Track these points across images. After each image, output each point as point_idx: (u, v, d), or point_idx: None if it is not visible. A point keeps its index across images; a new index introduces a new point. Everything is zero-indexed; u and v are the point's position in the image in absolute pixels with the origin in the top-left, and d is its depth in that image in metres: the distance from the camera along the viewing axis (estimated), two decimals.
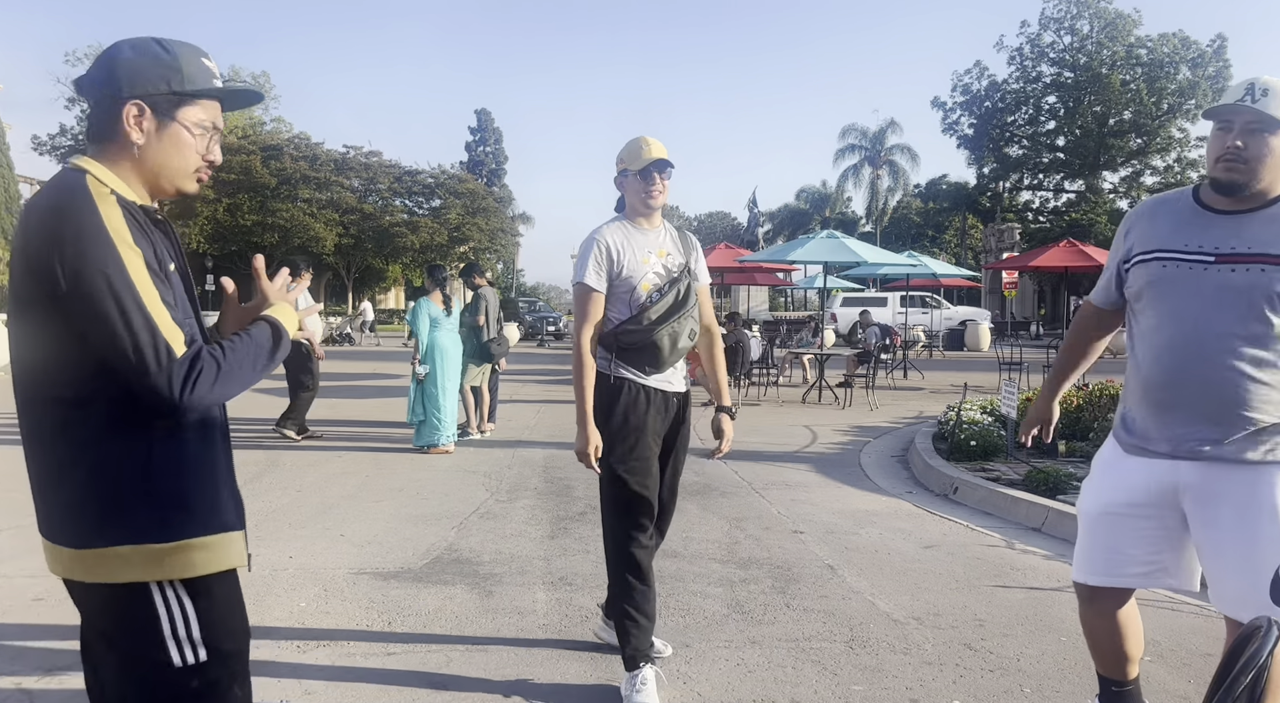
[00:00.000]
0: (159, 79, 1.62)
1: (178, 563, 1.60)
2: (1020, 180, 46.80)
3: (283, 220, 41.08)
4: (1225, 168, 2.24)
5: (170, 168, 1.67)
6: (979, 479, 6.48)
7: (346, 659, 3.39)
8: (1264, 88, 2.20)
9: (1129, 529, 2.42)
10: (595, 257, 3.10)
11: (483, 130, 63.02)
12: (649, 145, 3.15)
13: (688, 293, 3.19)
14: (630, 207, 3.23)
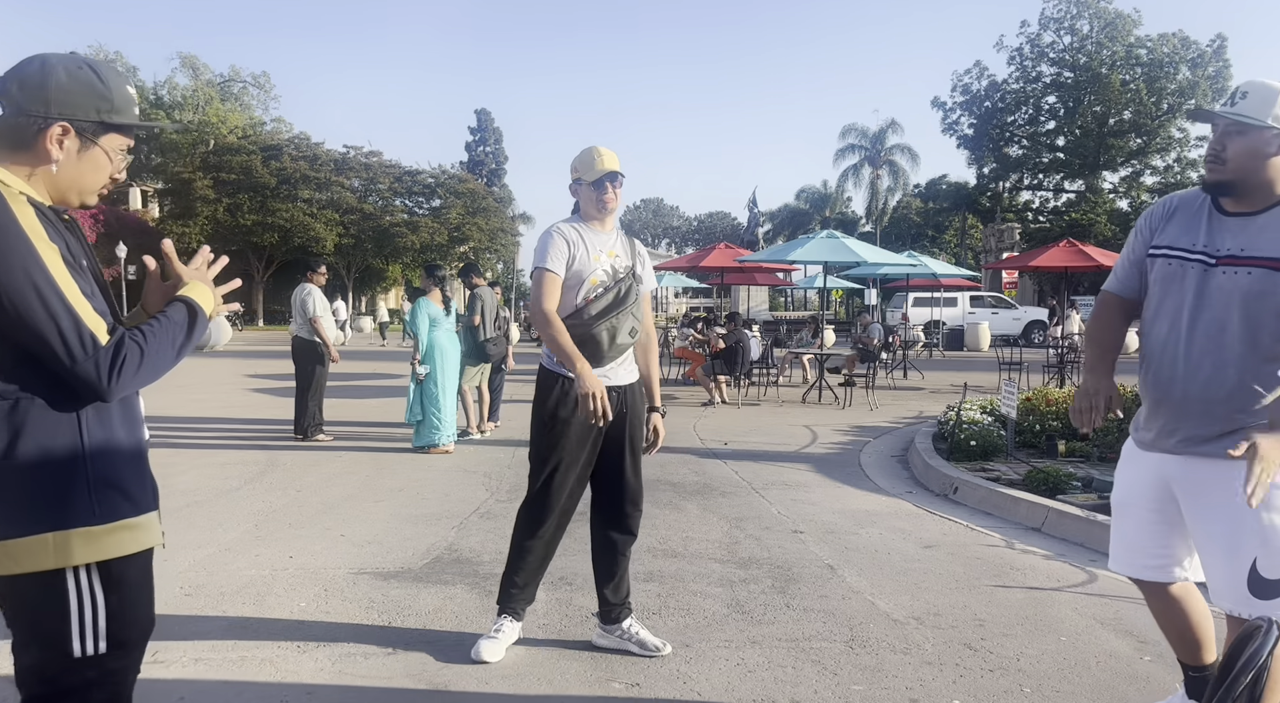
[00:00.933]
0: (90, 107, 1.70)
1: (106, 544, 1.64)
2: (1020, 180, 46.79)
3: (283, 220, 41.08)
4: (1207, 169, 2.34)
5: (82, 186, 1.75)
6: (979, 479, 6.48)
7: (346, 659, 3.39)
8: (1244, 91, 2.27)
9: (1137, 521, 2.52)
10: (556, 245, 3.31)
11: (483, 130, 63.03)
12: (601, 156, 3.35)
13: (628, 293, 3.36)
14: (584, 212, 3.43)
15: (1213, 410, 2.31)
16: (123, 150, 1.78)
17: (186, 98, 51.20)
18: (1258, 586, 2.26)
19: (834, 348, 17.88)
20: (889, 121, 56.14)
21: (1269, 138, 2.25)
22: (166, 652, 3.42)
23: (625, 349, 3.37)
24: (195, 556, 4.71)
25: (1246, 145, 2.26)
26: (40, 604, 1.62)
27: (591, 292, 3.31)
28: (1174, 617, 2.60)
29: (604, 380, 3.28)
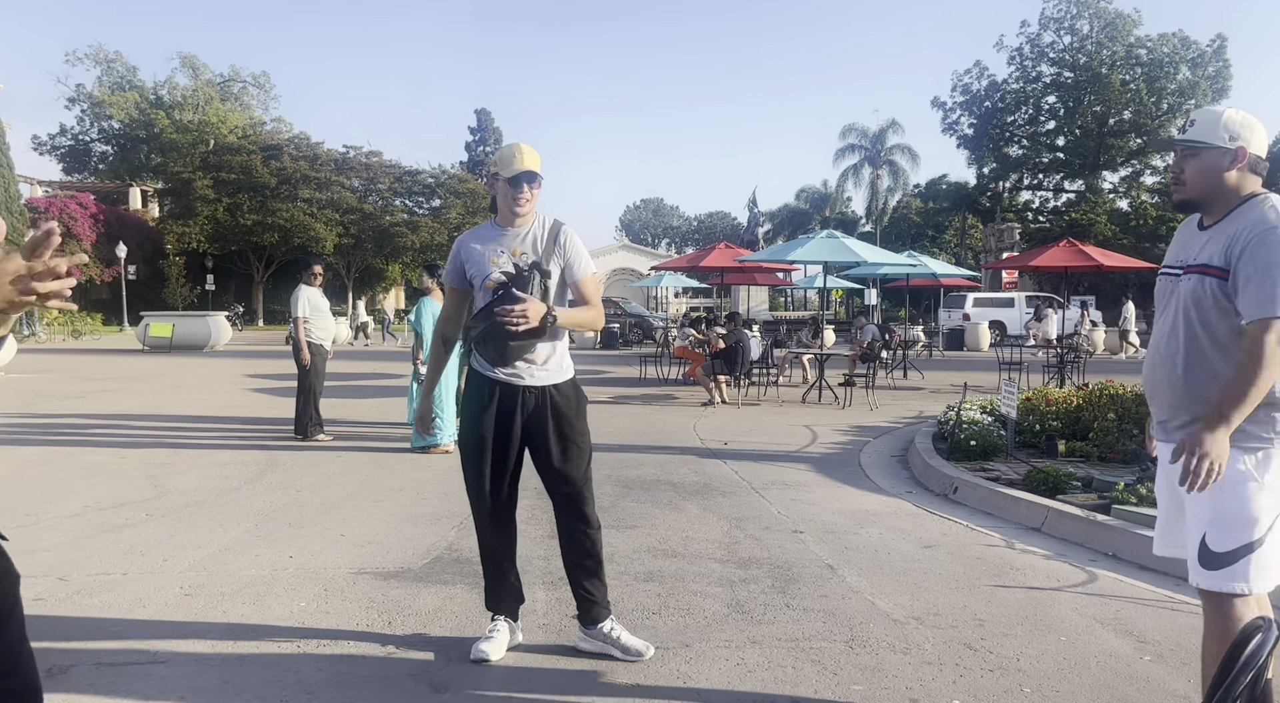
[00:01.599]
0: None
1: None
2: (1020, 180, 46.82)
3: (283, 220, 41.10)
4: (1173, 191, 2.66)
5: None
6: (979, 479, 6.48)
7: (346, 659, 3.39)
8: (1193, 119, 2.58)
9: (1163, 502, 2.75)
10: (451, 258, 3.47)
11: (483, 130, 63.08)
12: (521, 154, 3.27)
13: (523, 288, 3.28)
14: (500, 210, 3.39)
15: (1175, 402, 2.58)
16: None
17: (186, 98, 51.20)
18: (1206, 558, 2.47)
19: (833, 348, 17.87)
20: (889, 121, 56.21)
21: (1217, 156, 2.52)
22: (167, 652, 3.42)
23: (528, 349, 3.28)
24: (195, 556, 4.71)
25: (1200, 165, 2.53)
26: None
27: (490, 294, 3.31)
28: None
29: (515, 380, 3.31)
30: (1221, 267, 2.45)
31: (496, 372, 3.32)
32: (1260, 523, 2.44)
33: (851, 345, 16.25)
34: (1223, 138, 2.49)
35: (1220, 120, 2.52)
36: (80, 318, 34.15)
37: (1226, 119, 2.52)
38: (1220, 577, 2.45)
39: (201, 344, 23.85)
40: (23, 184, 37.94)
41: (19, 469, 7.04)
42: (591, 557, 3.45)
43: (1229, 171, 2.51)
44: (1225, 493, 2.45)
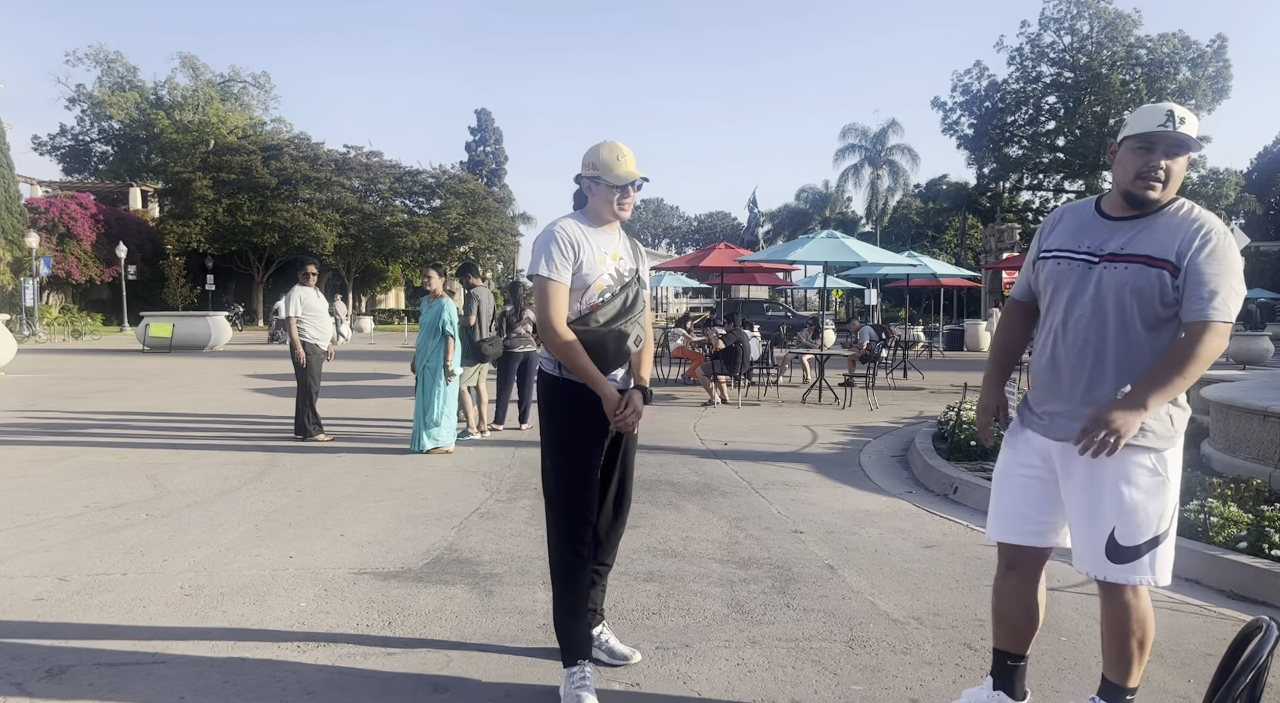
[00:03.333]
0: None
1: None
2: (1020, 180, 46.81)
3: (283, 220, 41.12)
4: (1145, 185, 2.54)
5: None
6: (979, 479, 6.47)
7: (346, 659, 3.39)
8: (1182, 117, 2.51)
9: (1020, 489, 2.78)
10: (559, 248, 3.06)
11: (483, 130, 63.03)
12: (625, 158, 3.12)
13: (636, 298, 3.19)
14: (594, 211, 3.20)
15: (1087, 391, 2.58)
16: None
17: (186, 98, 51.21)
18: (1115, 552, 2.56)
19: (833, 348, 17.87)
20: (889, 122, 56.21)
21: (1188, 161, 2.58)
22: (167, 652, 3.42)
23: (628, 357, 3.20)
24: (195, 556, 4.71)
25: (1180, 167, 2.55)
26: None
27: (598, 297, 3.12)
28: (1025, 596, 2.85)
29: (610, 383, 3.15)
30: (1173, 262, 2.48)
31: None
32: (1165, 517, 2.56)
33: (851, 346, 16.23)
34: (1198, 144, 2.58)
35: (1195, 123, 2.55)
36: (80, 318, 34.16)
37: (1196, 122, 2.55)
38: (1128, 570, 2.56)
39: (201, 344, 23.86)
40: (23, 184, 37.92)
41: (19, 469, 7.04)
42: (612, 557, 3.41)
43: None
44: (1134, 489, 2.53)
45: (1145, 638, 2.62)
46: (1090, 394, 2.57)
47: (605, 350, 3.10)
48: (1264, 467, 5.81)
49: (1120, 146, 2.59)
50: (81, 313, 36.49)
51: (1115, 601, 2.62)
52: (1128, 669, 2.63)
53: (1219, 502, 5.01)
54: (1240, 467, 5.97)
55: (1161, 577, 2.57)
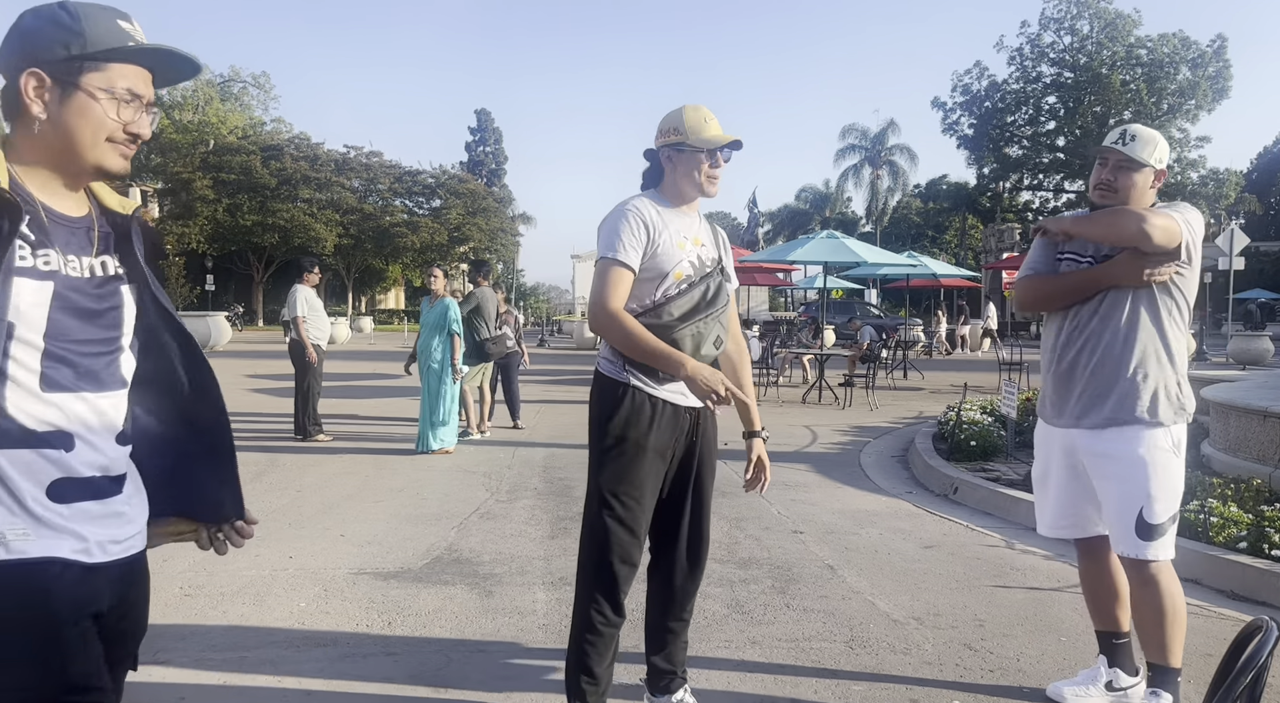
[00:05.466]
0: (56, 44, 1.44)
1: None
2: (1020, 181, 46.81)
3: (283, 220, 41.10)
4: (1099, 196, 2.90)
5: (79, 141, 1.47)
6: (979, 479, 6.48)
7: (346, 659, 3.39)
8: (1133, 134, 2.84)
9: (1059, 487, 3.00)
10: (630, 229, 2.59)
11: (483, 130, 63.05)
12: (713, 119, 2.68)
13: (718, 292, 2.71)
14: (673, 186, 2.73)
15: (1096, 384, 2.82)
16: (119, 92, 1.48)
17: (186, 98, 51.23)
18: (1144, 530, 2.75)
19: (833, 348, 17.86)
20: (889, 122, 56.21)
21: (1147, 174, 2.86)
22: (167, 652, 3.42)
23: (708, 361, 2.68)
24: (195, 556, 4.71)
25: (1132, 180, 2.84)
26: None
27: (674, 287, 2.64)
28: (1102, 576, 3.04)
29: (679, 398, 2.66)
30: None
31: (662, 389, 2.65)
32: (1180, 494, 2.82)
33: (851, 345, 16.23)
34: (1157, 160, 2.86)
35: (1155, 142, 2.86)
36: None
37: (1160, 143, 2.86)
38: (1158, 546, 2.76)
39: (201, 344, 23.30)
40: None
41: None
42: (683, 623, 2.90)
43: (1150, 189, 2.89)
44: (1158, 469, 2.76)
45: (1180, 613, 2.81)
46: (1100, 369, 2.81)
47: (679, 351, 2.60)
48: (1264, 467, 5.81)
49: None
50: None
51: (1145, 581, 2.79)
52: (1169, 648, 2.80)
53: (1219, 502, 5.01)
54: (1240, 467, 5.96)
55: (1172, 550, 2.82)
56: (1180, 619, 2.81)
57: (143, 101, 1.52)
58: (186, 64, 1.58)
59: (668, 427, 2.67)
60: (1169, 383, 2.82)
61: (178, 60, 1.56)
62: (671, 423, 2.68)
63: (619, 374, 2.66)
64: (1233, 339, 17.88)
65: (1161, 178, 2.90)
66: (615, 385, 2.66)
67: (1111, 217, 2.79)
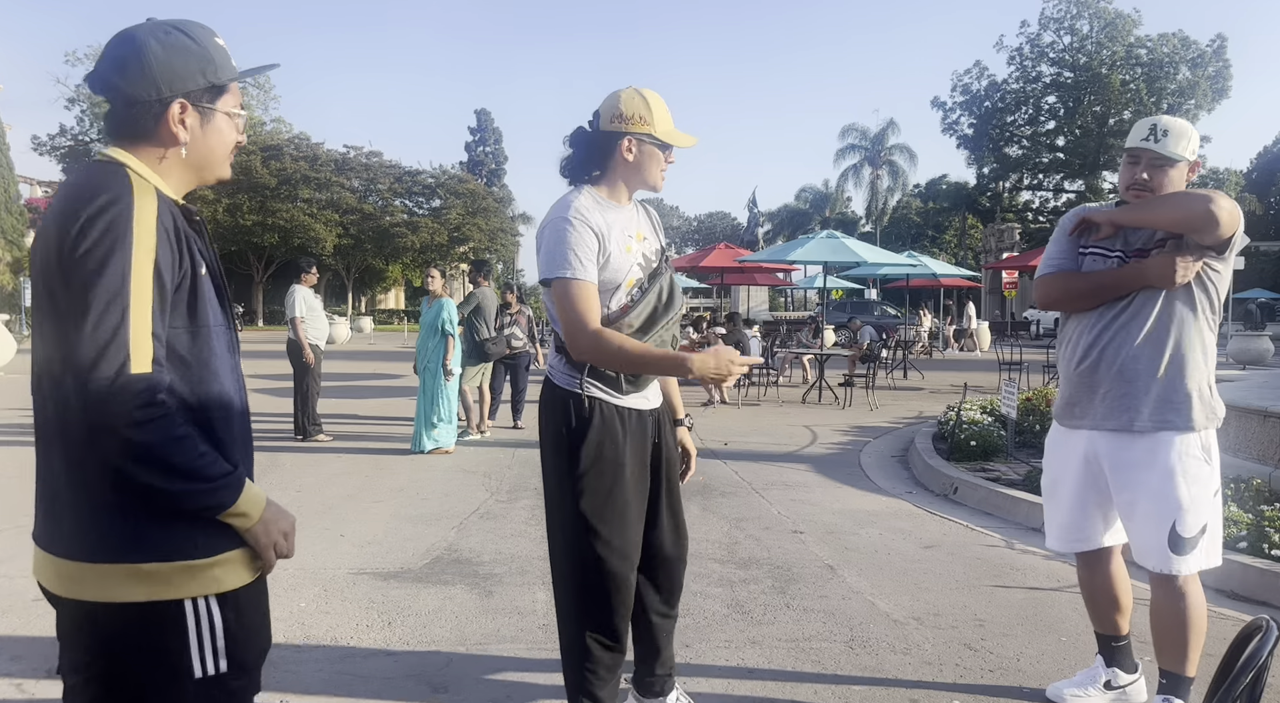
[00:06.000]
0: (196, 73, 1.56)
1: (214, 578, 1.53)
2: (1020, 180, 46.84)
3: (283, 221, 41.07)
4: (1134, 197, 2.73)
5: (214, 160, 1.64)
6: (979, 479, 6.48)
7: (346, 659, 3.39)
8: (1164, 129, 2.68)
9: (1074, 497, 2.86)
10: (581, 240, 2.35)
11: (483, 130, 63.02)
12: (667, 112, 2.48)
13: (672, 292, 2.54)
14: (622, 175, 2.49)
15: (1130, 384, 2.67)
16: (234, 110, 1.64)
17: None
18: (1178, 543, 2.63)
19: (833, 349, 17.87)
20: (889, 122, 56.18)
21: (1182, 169, 2.72)
22: None
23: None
24: None
25: (1168, 177, 2.69)
26: (146, 632, 1.50)
27: (627, 295, 2.45)
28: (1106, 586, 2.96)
29: (643, 403, 2.53)
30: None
31: (628, 398, 2.50)
32: (1215, 501, 2.69)
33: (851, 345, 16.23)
34: (1191, 151, 2.72)
35: (1188, 134, 2.71)
36: None
37: (1191, 134, 2.72)
38: (1189, 560, 2.64)
39: None
40: (23, 184, 37.94)
41: (19, 469, 7.03)
42: (670, 621, 2.78)
43: (1185, 184, 2.75)
44: (1190, 478, 2.63)
45: (1202, 624, 2.71)
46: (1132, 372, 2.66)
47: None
48: (1264, 467, 5.81)
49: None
50: None
51: (1172, 592, 2.69)
52: (1188, 658, 2.71)
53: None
54: (1240, 467, 5.96)
55: (1216, 557, 2.69)
56: (1202, 631, 2.70)
57: (243, 112, 1.69)
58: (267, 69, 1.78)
59: (640, 436, 2.52)
60: (1202, 385, 2.68)
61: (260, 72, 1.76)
62: (641, 431, 2.53)
63: (580, 387, 2.45)
64: (1233, 339, 17.89)
65: (1196, 170, 2.76)
66: (579, 401, 2.45)
67: (1175, 198, 2.62)
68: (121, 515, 1.48)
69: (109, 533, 1.48)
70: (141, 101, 1.53)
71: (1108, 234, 2.75)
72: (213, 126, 1.61)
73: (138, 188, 1.48)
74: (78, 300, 1.41)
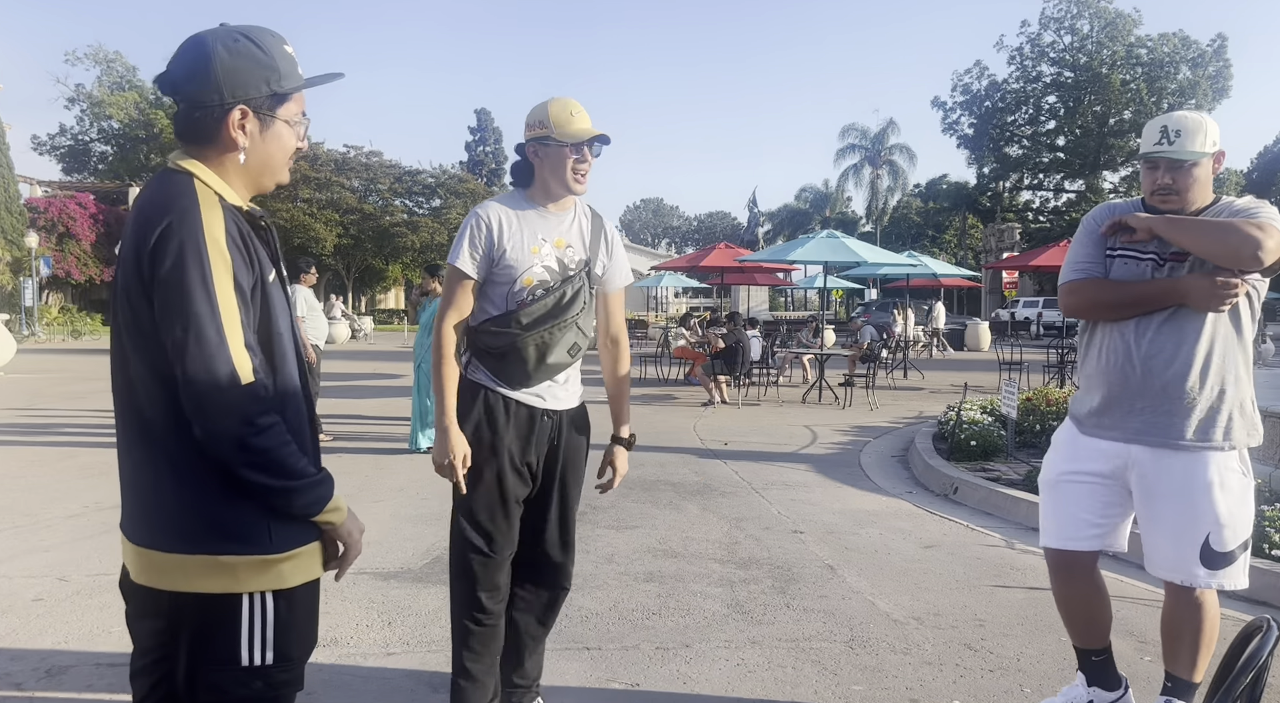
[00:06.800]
0: (259, 81, 1.60)
1: (279, 573, 1.58)
2: (1020, 180, 46.86)
3: (283, 220, 41.08)
4: (1160, 201, 2.61)
5: (272, 166, 1.67)
6: (979, 479, 6.47)
7: (346, 659, 3.39)
8: (1177, 130, 2.55)
9: (1083, 494, 2.71)
10: (472, 236, 2.58)
11: (483, 130, 63.05)
12: (580, 112, 2.60)
13: (574, 298, 2.62)
14: (541, 182, 2.65)
15: (1168, 394, 2.54)
16: (299, 117, 1.67)
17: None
18: (1209, 558, 2.53)
19: (833, 348, 17.87)
20: (889, 121, 56.23)
21: (1206, 165, 2.58)
22: None
23: (561, 369, 2.66)
24: None
25: (1192, 176, 2.56)
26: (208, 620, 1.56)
27: (526, 293, 2.59)
28: (1089, 594, 2.79)
29: (535, 401, 2.65)
30: None
31: (516, 392, 2.64)
32: (1251, 518, 2.58)
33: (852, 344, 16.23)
34: (1212, 143, 2.57)
35: (1203, 127, 2.57)
36: (80, 318, 34.14)
37: (1206, 125, 2.57)
38: (1221, 576, 2.54)
39: None
40: (22, 184, 37.89)
41: (19, 469, 7.03)
42: (552, 619, 2.89)
43: (1212, 175, 2.62)
44: (1228, 494, 2.52)
45: (1214, 634, 2.66)
46: (1176, 388, 2.53)
47: (523, 360, 2.58)
48: (1264, 467, 5.81)
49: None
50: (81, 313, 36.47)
51: (1189, 603, 2.62)
52: (1197, 665, 2.66)
53: None
54: None
55: (1244, 579, 2.58)
56: (1214, 639, 2.65)
57: (306, 120, 1.71)
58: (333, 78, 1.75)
59: (527, 431, 2.64)
60: (1245, 401, 2.58)
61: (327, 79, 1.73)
62: (531, 428, 2.64)
63: (471, 373, 2.66)
64: None
65: (1221, 159, 2.61)
66: (464, 382, 2.65)
67: (1222, 231, 2.45)
68: (210, 511, 1.54)
69: (197, 526, 1.54)
70: (205, 106, 1.57)
71: (1143, 238, 2.60)
72: (272, 133, 1.63)
73: (203, 199, 1.52)
74: (171, 319, 1.47)
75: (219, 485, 1.53)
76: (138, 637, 1.70)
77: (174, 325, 1.46)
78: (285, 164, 1.69)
